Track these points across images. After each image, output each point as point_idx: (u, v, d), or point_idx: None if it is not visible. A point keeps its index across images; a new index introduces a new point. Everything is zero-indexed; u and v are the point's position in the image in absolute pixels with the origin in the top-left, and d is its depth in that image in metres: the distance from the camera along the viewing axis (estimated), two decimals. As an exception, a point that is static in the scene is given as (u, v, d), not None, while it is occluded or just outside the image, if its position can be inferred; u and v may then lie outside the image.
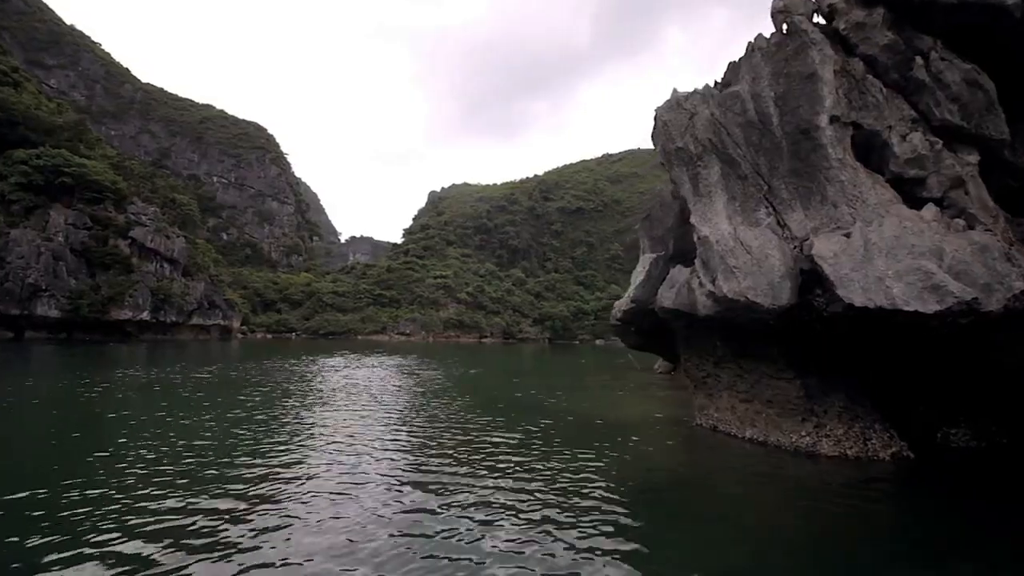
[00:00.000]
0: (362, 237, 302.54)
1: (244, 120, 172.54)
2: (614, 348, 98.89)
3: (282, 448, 10.61)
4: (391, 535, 6.42)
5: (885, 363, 9.98)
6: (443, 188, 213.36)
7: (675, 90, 10.91)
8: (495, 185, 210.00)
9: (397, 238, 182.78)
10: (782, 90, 8.96)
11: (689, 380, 13.78)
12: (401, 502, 7.56)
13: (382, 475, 8.86)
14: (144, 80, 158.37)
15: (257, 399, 16.88)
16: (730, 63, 11.37)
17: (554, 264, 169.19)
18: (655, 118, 11.34)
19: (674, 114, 10.74)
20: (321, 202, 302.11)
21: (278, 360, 34.94)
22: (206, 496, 7.62)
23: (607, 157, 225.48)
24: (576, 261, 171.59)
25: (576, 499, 7.75)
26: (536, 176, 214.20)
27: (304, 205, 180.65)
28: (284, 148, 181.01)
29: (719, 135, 9.88)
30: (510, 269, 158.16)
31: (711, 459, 10.48)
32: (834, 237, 8.18)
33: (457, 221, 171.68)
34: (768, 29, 10.85)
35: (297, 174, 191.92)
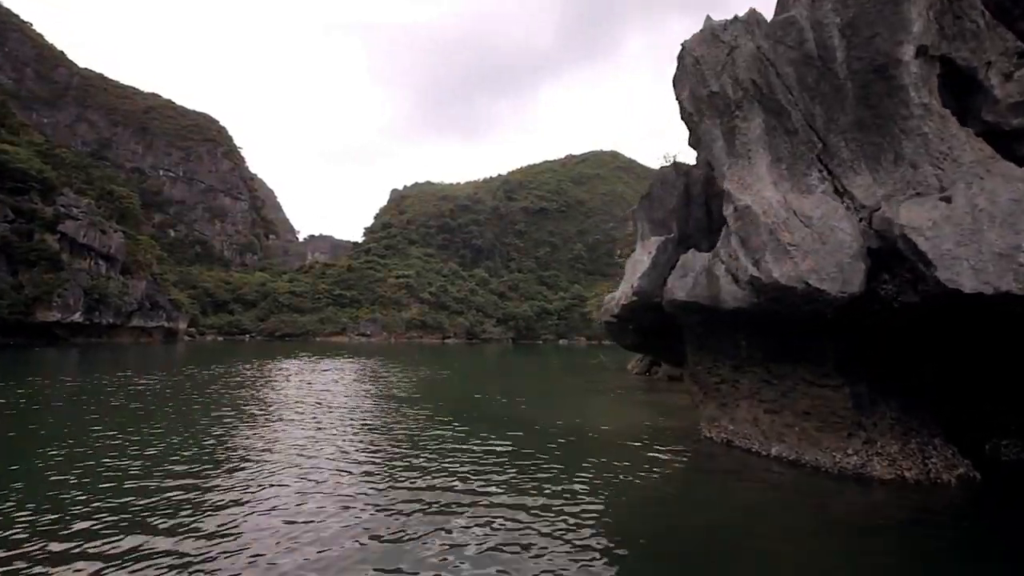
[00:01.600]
0: (321, 236, 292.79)
1: (194, 111, 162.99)
2: (578, 348, 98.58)
3: (218, 474, 8.33)
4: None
5: (948, 364, 8.35)
6: (406, 186, 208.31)
7: (708, 17, 8.86)
8: (459, 184, 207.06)
9: (358, 237, 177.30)
10: (852, 14, 7.04)
11: (696, 386, 11.93)
12: (356, 545, 5.88)
13: (335, 512, 6.80)
14: (81, 65, 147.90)
15: (194, 412, 14.13)
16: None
17: (518, 264, 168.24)
18: (681, 56, 9.26)
19: (708, 48, 8.69)
20: (278, 199, 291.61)
21: (227, 365, 31.61)
22: (112, 551, 5.33)
23: (570, 158, 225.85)
24: (540, 261, 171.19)
25: (572, 548, 5.88)
26: (500, 175, 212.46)
27: (259, 201, 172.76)
28: (238, 142, 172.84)
29: (765, 75, 7.92)
30: (473, 269, 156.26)
31: (734, 487, 8.50)
32: (927, 203, 6.35)
33: (420, 220, 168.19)
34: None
35: (252, 169, 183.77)
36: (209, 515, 6.74)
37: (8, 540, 5.76)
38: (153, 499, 7.28)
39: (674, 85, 9.65)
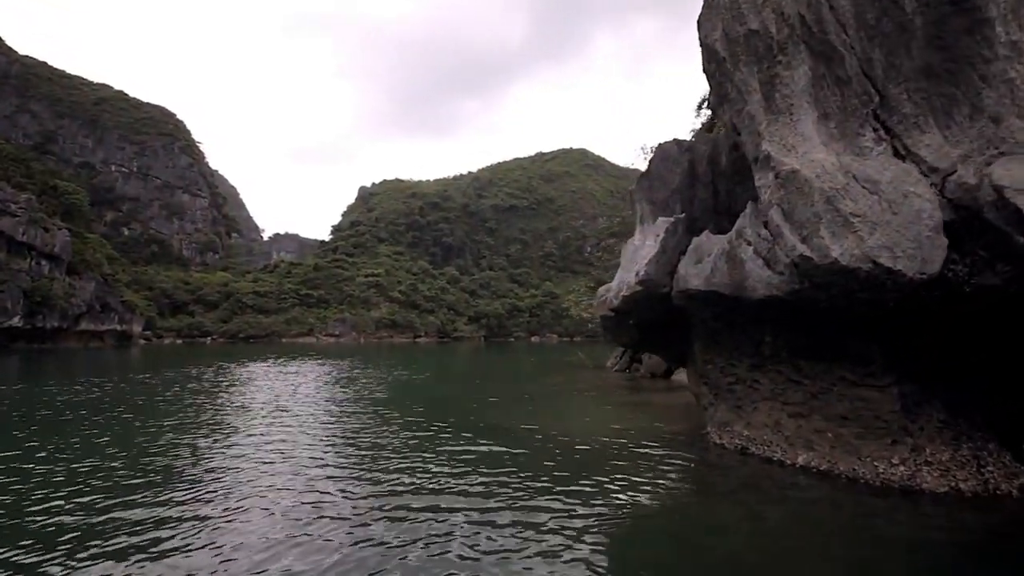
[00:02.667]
0: (287, 234, 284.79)
1: (149, 103, 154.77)
2: (550, 345, 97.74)
3: (170, 493, 7.02)
4: None
5: (1000, 354, 7.39)
6: (374, 183, 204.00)
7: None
8: (428, 181, 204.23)
9: (325, 236, 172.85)
10: (929, -68, 5.92)
11: (705, 387, 10.80)
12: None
13: (304, 535, 5.82)
14: (22, 52, 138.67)
15: (143, 422, 12.32)
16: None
17: (488, 262, 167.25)
18: (712, -15, 7.98)
19: (747, -25, 7.38)
20: (241, 196, 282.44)
21: (185, 369, 29.25)
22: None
23: (540, 156, 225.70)
24: (510, 258, 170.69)
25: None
26: (470, 173, 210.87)
27: (220, 199, 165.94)
28: (197, 137, 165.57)
29: (816, 10, 6.63)
30: (444, 267, 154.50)
31: (759, 504, 7.19)
32: (1030, 159, 5.26)
33: (389, 217, 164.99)
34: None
35: (213, 165, 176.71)
36: (157, 539, 5.72)
37: None
38: (83, 526, 6.08)
39: (699, 26, 8.29)
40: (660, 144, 11.63)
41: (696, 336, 10.46)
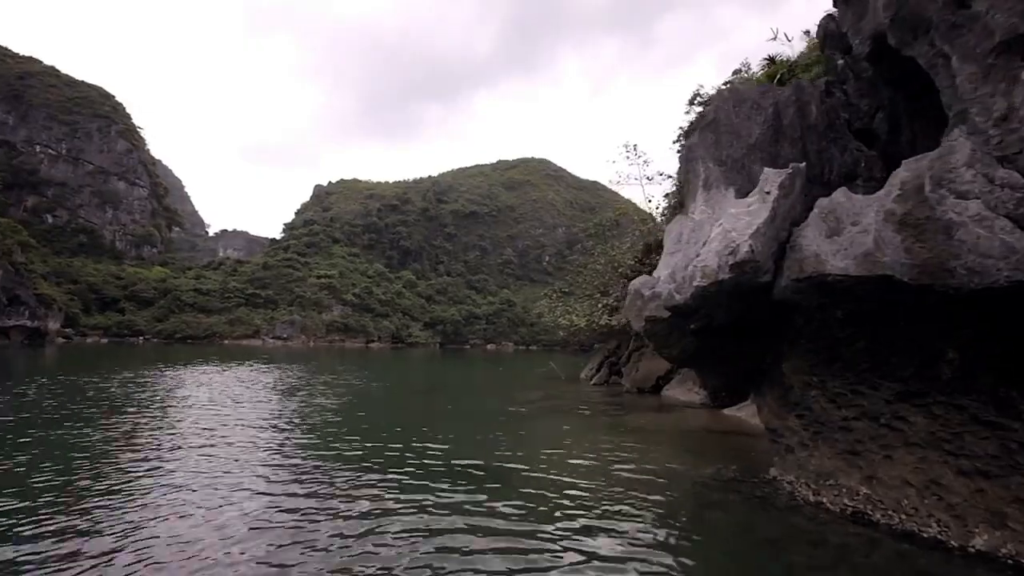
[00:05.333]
0: (236, 231, 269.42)
1: (83, 82, 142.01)
2: (506, 353, 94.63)
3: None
4: None
5: None
6: (331, 182, 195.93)
7: None
8: (387, 183, 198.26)
9: (277, 234, 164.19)
10: None
11: (796, 420, 8.02)
12: None
13: None
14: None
15: (25, 442, 8.48)
16: None
17: (446, 267, 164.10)
18: None
19: None
20: (186, 189, 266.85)
21: (101, 374, 24.37)
22: None
23: (502, 163, 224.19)
24: (469, 265, 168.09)
25: None
26: (430, 176, 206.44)
27: (162, 189, 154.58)
28: (138, 123, 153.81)
29: None
30: (401, 271, 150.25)
31: None
32: None
33: (345, 218, 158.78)
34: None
35: (156, 155, 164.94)
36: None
37: None
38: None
39: None
40: (729, 86, 8.82)
41: (794, 348, 7.68)
